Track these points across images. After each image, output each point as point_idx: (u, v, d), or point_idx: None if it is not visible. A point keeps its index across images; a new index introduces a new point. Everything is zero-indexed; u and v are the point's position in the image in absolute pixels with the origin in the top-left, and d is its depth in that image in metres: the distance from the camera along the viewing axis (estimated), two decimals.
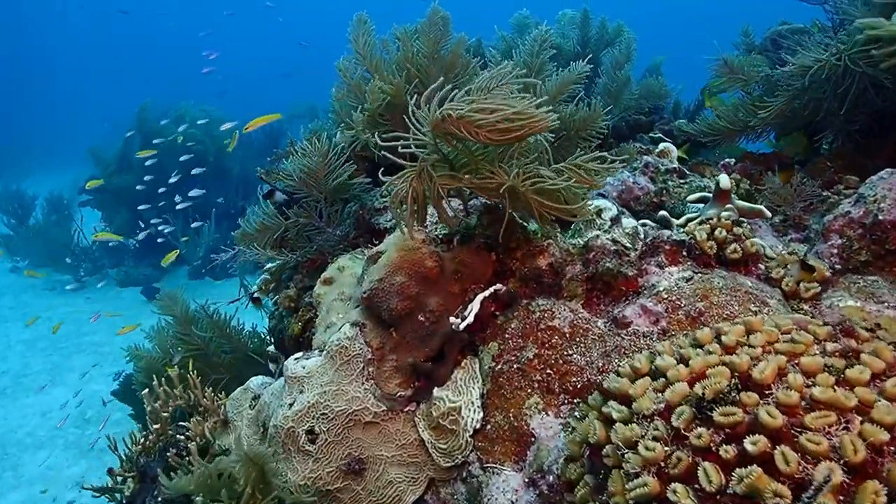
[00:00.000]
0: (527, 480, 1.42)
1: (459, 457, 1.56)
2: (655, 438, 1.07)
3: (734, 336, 1.24)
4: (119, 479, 2.00)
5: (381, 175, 1.63)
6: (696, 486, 0.97)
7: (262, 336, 2.82)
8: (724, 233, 1.67)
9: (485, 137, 1.39)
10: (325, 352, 1.71)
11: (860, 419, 0.97)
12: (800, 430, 0.96)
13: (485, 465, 1.51)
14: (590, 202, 1.60)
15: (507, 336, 1.62)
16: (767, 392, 1.06)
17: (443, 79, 1.54)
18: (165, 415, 1.93)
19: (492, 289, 1.69)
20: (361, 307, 1.78)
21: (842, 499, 0.89)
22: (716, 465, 0.98)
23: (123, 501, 2.01)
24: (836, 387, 1.02)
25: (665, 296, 1.50)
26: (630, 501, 1.06)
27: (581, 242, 1.74)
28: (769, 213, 1.91)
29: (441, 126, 1.38)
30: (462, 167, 1.60)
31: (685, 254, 1.65)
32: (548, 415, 1.50)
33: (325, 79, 2.69)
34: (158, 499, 1.84)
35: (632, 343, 1.48)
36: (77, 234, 10.35)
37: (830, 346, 1.14)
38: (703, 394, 1.07)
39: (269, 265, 2.36)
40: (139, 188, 9.25)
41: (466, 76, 2.56)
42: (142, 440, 1.96)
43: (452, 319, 1.58)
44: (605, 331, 1.56)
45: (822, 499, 0.89)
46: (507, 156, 1.60)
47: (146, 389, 2.00)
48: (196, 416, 1.91)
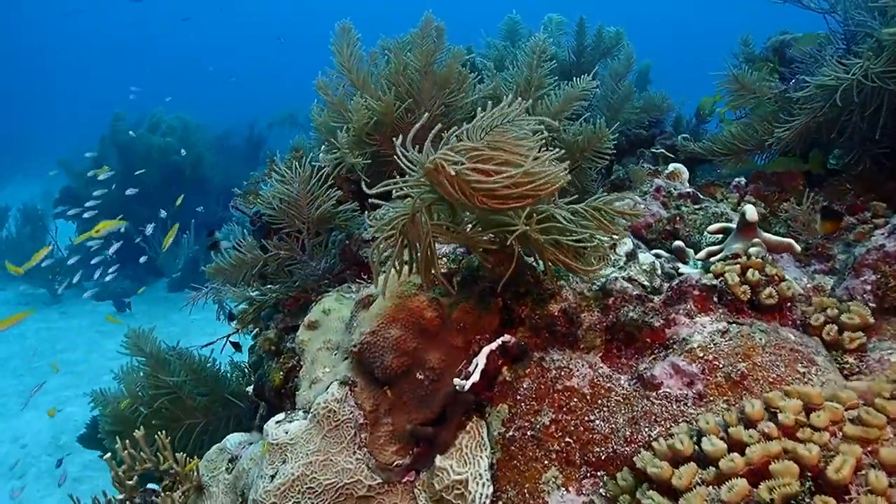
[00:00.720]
0: None
1: None
2: None
3: (792, 414, 1.06)
4: None
5: (368, 218, 1.42)
6: None
7: (244, 369, 2.60)
8: (757, 274, 1.50)
9: (480, 202, 1.20)
10: (311, 415, 1.51)
11: None
12: None
13: None
14: (610, 259, 1.42)
15: (519, 397, 1.43)
16: (847, 497, 0.88)
17: (427, 115, 1.35)
18: (131, 483, 1.72)
19: (499, 341, 1.49)
20: (351, 360, 1.58)
21: None
22: None
23: None
24: None
25: (700, 354, 1.32)
26: None
27: (597, 285, 1.55)
28: (798, 248, 1.74)
29: (434, 175, 1.18)
30: (464, 206, 1.41)
31: (716, 300, 1.47)
32: (568, 491, 1.31)
33: (308, 81, 2.48)
34: None
35: (663, 409, 1.29)
36: (52, 247, 10.00)
37: None
38: (772, 500, 0.89)
39: (243, 306, 2.14)
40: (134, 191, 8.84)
41: (462, 93, 2.37)
42: None
43: (457, 381, 1.38)
44: (631, 391, 1.37)
45: None
46: None
47: (108, 454, 1.78)
48: (166, 483, 1.70)
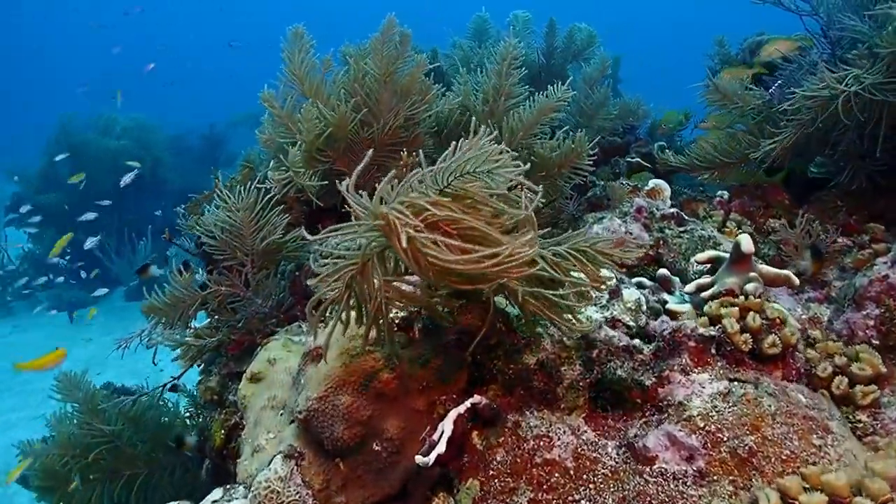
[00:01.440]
0: None
1: None
2: None
3: None
4: None
5: (312, 263, 1.20)
6: None
7: (188, 413, 2.36)
8: (758, 319, 1.32)
9: (435, 276, 1.01)
10: (252, 495, 1.29)
11: None
12: None
13: None
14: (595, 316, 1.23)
15: (492, 472, 1.23)
16: None
17: (372, 152, 1.14)
18: None
19: (468, 403, 1.29)
20: (298, 425, 1.36)
21: None
22: None
23: None
24: None
25: (700, 423, 1.13)
26: None
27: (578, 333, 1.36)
28: (797, 281, 1.57)
29: (386, 231, 0.98)
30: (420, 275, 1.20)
31: (713, 351, 1.29)
32: None
33: (272, 79, 2.24)
34: None
35: (659, 489, 1.10)
36: (2, 256, 9.50)
37: None
38: None
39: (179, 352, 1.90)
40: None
41: (425, 104, 2.16)
42: None
43: (419, 459, 1.18)
44: (620, 462, 1.19)
45: None
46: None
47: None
48: None
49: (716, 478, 1.08)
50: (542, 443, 1.22)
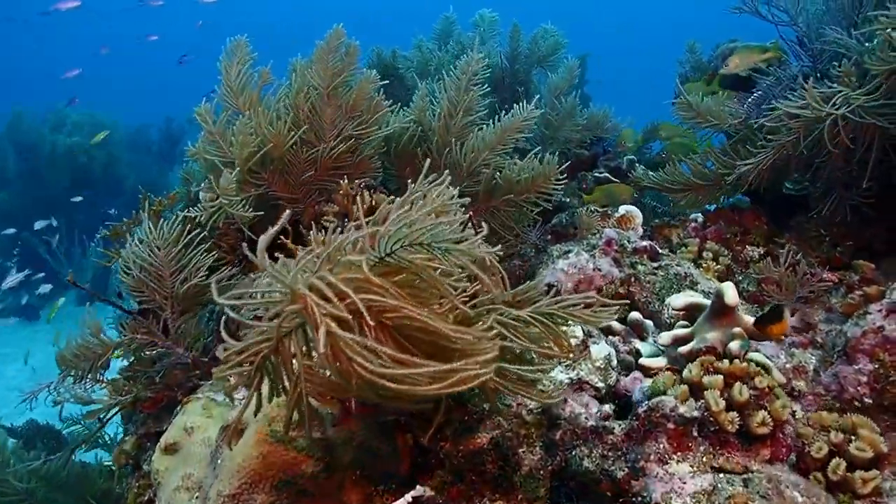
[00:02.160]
0: None
1: None
2: None
3: None
4: None
5: (224, 334, 0.98)
6: None
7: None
8: (746, 391, 1.15)
9: (364, 388, 0.81)
10: None
11: None
12: None
13: None
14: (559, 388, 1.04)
15: None
16: None
17: (288, 214, 0.93)
18: None
19: (408, 497, 1.09)
20: None
21: None
22: None
23: None
24: None
25: None
26: None
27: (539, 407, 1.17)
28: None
29: (304, 314, 0.77)
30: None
31: (695, 433, 1.11)
32: None
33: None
34: None
35: None
36: None
37: None
38: None
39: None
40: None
41: (375, 124, 1.94)
42: None
43: None
44: None
45: None
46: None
47: None
48: None
49: None
50: None
